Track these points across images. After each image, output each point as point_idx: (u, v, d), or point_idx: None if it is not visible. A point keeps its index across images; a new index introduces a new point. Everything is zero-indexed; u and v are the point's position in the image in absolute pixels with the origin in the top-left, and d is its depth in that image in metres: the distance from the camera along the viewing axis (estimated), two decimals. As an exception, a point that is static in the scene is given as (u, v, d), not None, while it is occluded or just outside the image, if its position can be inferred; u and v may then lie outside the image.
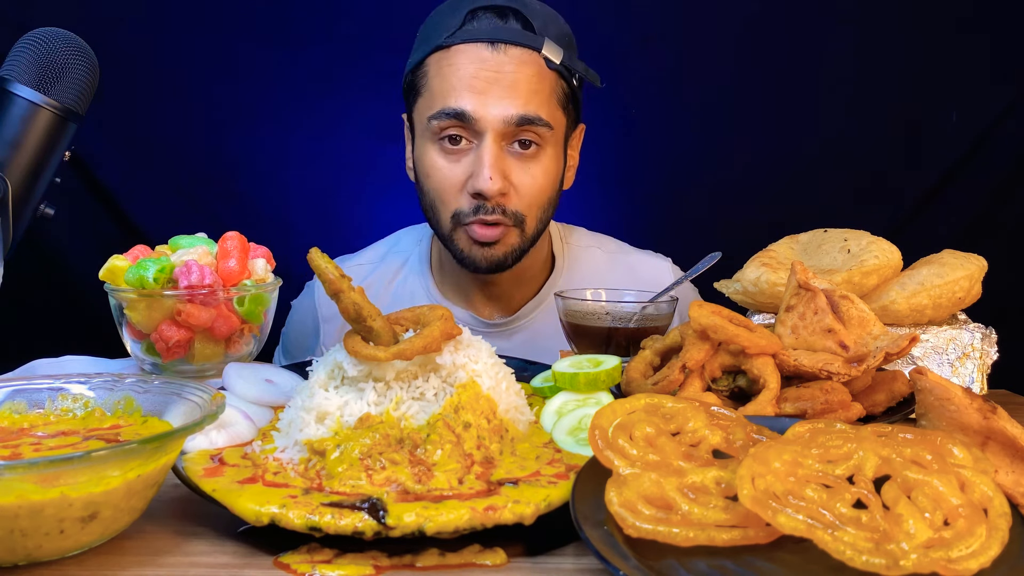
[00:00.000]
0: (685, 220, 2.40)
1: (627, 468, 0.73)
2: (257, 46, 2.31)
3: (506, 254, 1.54)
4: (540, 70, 1.48)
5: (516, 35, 1.47)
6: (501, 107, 1.45)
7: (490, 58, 1.46)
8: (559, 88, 1.52)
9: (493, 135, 1.46)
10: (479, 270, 1.55)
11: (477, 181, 1.45)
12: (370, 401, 0.90)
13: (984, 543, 0.63)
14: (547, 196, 1.55)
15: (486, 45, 1.46)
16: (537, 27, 1.49)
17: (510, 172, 1.49)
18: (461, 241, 1.54)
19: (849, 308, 1.05)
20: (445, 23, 1.50)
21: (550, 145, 1.52)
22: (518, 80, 1.46)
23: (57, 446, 0.83)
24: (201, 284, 1.17)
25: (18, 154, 1.09)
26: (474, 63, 1.46)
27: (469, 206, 1.49)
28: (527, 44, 1.47)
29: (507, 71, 1.46)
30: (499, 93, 1.45)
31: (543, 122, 1.47)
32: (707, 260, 1.33)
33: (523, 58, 1.47)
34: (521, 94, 1.46)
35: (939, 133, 2.36)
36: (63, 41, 1.12)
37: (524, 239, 1.55)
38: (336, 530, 0.73)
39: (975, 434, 0.81)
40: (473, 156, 1.48)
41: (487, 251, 1.52)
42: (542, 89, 1.48)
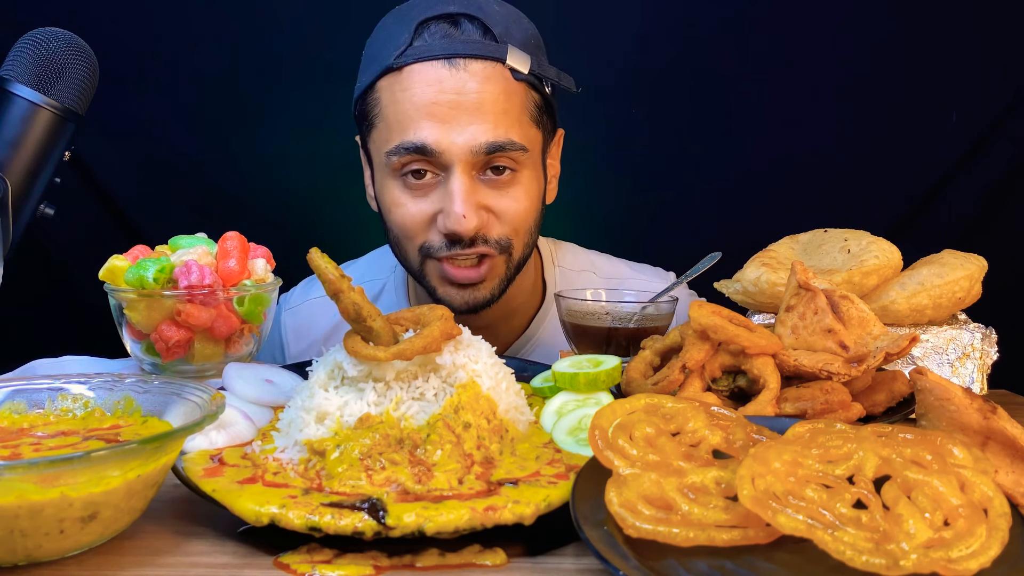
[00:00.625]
0: (685, 220, 2.40)
1: (627, 468, 0.73)
2: (257, 46, 2.31)
3: (492, 291, 1.38)
4: (507, 85, 1.30)
5: (475, 47, 1.28)
6: (467, 135, 1.27)
7: (448, 78, 1.27)
8: (530, 101, 1.35)
9: (461, 167, 1.28)
10: (457, 311, 1.35)
11: (448, 220, 1.29)
12: (370, 401, 0.90)
13: (984, 543, 0.63)
14: (532, 219, 1.39)
15: (442, 63, 1.27)
16: (498, 33, 1.30)
17: (487, 201, 1.32)
18: (432, 277, 1.38)
19: (849, 308, 1.05)
20: (393, 39, 1.32)
21: (526, 167, 1.35)
22: (483, 101, 1.28)
23: (57, 446, 0.83)
24: (201, 284, 1.17)
25: (18, 154, 1.09)
26: (431, 86, 1.27)
27: (440, 241, 1.33)
28: (489, 56, 1.29)
29: (469, 91, 1.27)
30: (463, 120, 1.27)
31: (516, 146, 1.30)
32: (707, 260, 1.33)
33: (486, 73, 1.28)
34: (488, 117, 1.28)
35: (939, 133, 2.36)
36: (63, 41, 1.12)
37: (511, 267, 1.39)
38: (336, 530, 0.73)
39: (975, 434, 0.81)
40: (441, 191, 1.31)
41: (468, 293, 1.37)
42: (511, 108, 1.30)
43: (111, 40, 1.59)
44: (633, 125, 2.41)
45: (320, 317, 1.61)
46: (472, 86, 1.28)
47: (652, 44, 2.36)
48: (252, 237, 1.29)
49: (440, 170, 1.31)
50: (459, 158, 1.28)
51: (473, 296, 1.38)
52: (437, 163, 1.30)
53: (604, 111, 2.30)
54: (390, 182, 1.35)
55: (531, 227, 1.40)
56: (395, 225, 1.37)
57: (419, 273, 1.39)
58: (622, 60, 2.34)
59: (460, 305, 1.37)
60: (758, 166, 2.39)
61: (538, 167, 1.41)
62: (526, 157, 1.34)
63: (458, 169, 1.29)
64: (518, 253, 1.39)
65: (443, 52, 1.28)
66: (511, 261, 1.39)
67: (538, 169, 1.41)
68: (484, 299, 1.38)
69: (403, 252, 1.40)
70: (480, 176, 1.33)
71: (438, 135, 1.27)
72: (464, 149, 1.28)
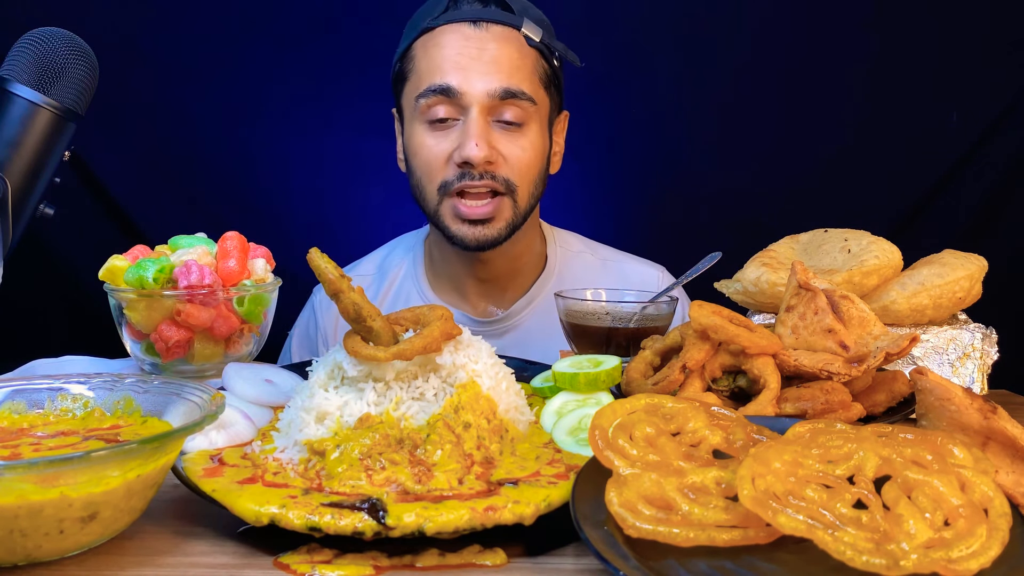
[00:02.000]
0: (685, 220, 2.40)
1: (627, 468, 0.73)
2: (258, 46, 2.31)
3: (500, 231, 1.55)
4: (521, 47, 1.54)
5: (497, 15, 1.54)
6: (485, 81, 1.49)
7: (473, 35, 1.52)
8: (540, 67, 1.57)
9: (479, 108, 1.49)
10: (468, 248, 1.56)
11: (463, 150, 1.48)
12: (370, 401, 0.90)
13: (984, 543, 0.63)
14: (536, 169, 1.57)
15: (469, 24, 1.52)
16: (516, 10, 1.56)
17: (497, 143, 1.52)
18: (447, 215, 1.55)
19: (849, 308, 1.05)
20: (429, 10, 1.57)
21: (535, 121, 1.56)
22: (500, 56, 1.51)
23: (57, 446, 0.83)
24: (201, 284, 1.17)
25: (18, 154, 1.09)
26: (458, 41, 1.51)
27: (455, 175, 1.51)
28: (508, 23, 1.54)
29: (489, 47, 1.51)
30: (482, 68, 1.50)
31: (526, 96, 1.52)
32: (707, 260, 1.33)
33: (505, 35, 1.53)
34: (504, 68, 1.51)
35: (939, 133, 2.36)
36: (63, 41, 1.12)
37: (516, 213, 1.56)
38: (336, 530, 0.73)
39: (975, 434, 0.81)
40: (459, 129, 1.52)
41: (479, 230, 1.54)
42: (524, 65, 1.54)
43: (111, 40, 1.59)
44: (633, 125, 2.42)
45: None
46: (492, 44, 1.52)
47: (652, 45, 2.36)
48: (252, 237, 1.29)
49: (460, 113, 1.52)
50: (477, 100, 1.50)
51: (483, 233, 1.54)
52: (458, 104, 1.51)
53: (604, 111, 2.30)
54: (417, 127, 1.55)
55: (534, 178, 1.58)
56: (418, 167, 1.56)
57: (436, 214, 1.57)
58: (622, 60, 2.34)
59: (471, 241, 1.55)
60: (758, 166, 2.39)
61: (544, 128, 1.60)
62: (534, 110, 1.55)
63: (475, 110, 1.50)
64: (523, 201, 1.57)
65: (470, 17, 1.54)
66: (516, 207, 1.56)
67: (544, 129, 1.60)
68: (492, 237, 1.55)
69: (423, 195, 1.57)
70: (494, 121, 1.53)
71: (460, 79, 1.50)
72: (482, 92, 1.50)
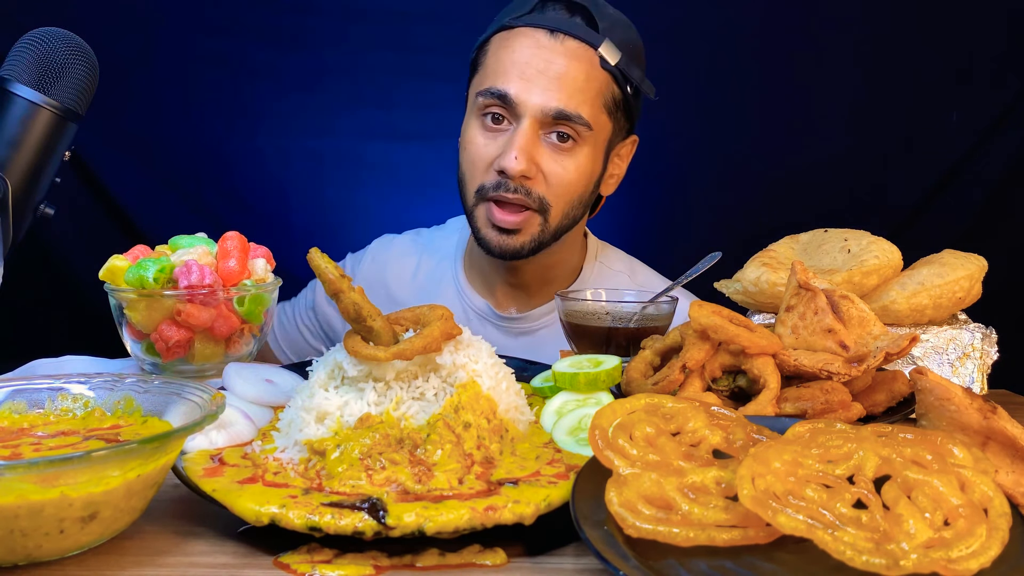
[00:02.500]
0: (685, 220, 2.40)
1: (627, 468, 0.73)
2: (258, 46, 2.31)
3: (523, 244, 1.54)
4: (592, 68, 1.49)
5: (577, 29, 1.49)
6: (543, 97, 1.47)
7: (547, 45, 1.48)
8: (609, 91, 1.53)
9: (531, 120, 1.47)
10: (492, 253, 1.56)
11: (503, 159, 1.47)
12: (370, 401, 0.90)
13: (984, 543, 0.63)
14: (576, 192, 1.54)
15: (546, 32, 1.49)
16: (602, 27, 1.51)
17: (540, 158, 1.49)
18: (480, 218, 1.55)
19: (849, 308, 1.05)
20: (517, 7, 1.54)
21: (588, 144, 1.52)
22: (566, 73, 1.47)
23: (57, 446, 0.83)
24: (201, 284, 1.17)
25: (18, 154, 1.09)
26: (530, 48, 1.48)
27: (492, 181, 1.51)
28: (585, 39, 1.49)
29: (557, 62, 1.47)
30: (544, 83, 1.47)
31: (582, 120, 1.48)
32: (707, 260, 1.33)
33: (577, 52, 1.48)
34: (566, 88, 1.47)
35: (939, 133, 2.36)
36: (63, 41, 1.12)
37: (546, 230, 1.54)
38: (336, 530, 0.73)
39: (975, 434, 0.81)
40: (508, 136, 1.50)
41: (504, 238, 1.53)
42: (589, 88, 1.49)
43: (111, 40, 1.59)
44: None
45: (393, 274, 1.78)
46: (561, 59, 1.48)
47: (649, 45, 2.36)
48: (252, 237, 1.29)
49: (514, 119, 1.50)
50: (531, 112, 1.47)
51: (507, 242, 1.54)
52: (513, 112, 1.49)
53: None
54: (473, 121, 1.55)
55: (572, 200, 1.55)
56: (464, 161, 1.57)
57: (471, 214, 1.57)
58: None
59: (495, 248, 1.55)
60: (759, 166, 2.39)
61: (599, 151, 1.57)
62: (589, 135, 1.51)
63: (527, 122, 1.48)
64: (554, 220, 1.54)
65: (550, 24, 1.50)
66: (547, 225, 1.54)
67: (599, 153, 1.57)
68: (514, 248, 1.54)
69: (464, 190, 1.58)
70: (544, 136, 1.50)
71: (519, 89, 1.48)
72: (536, 106, 1.47)
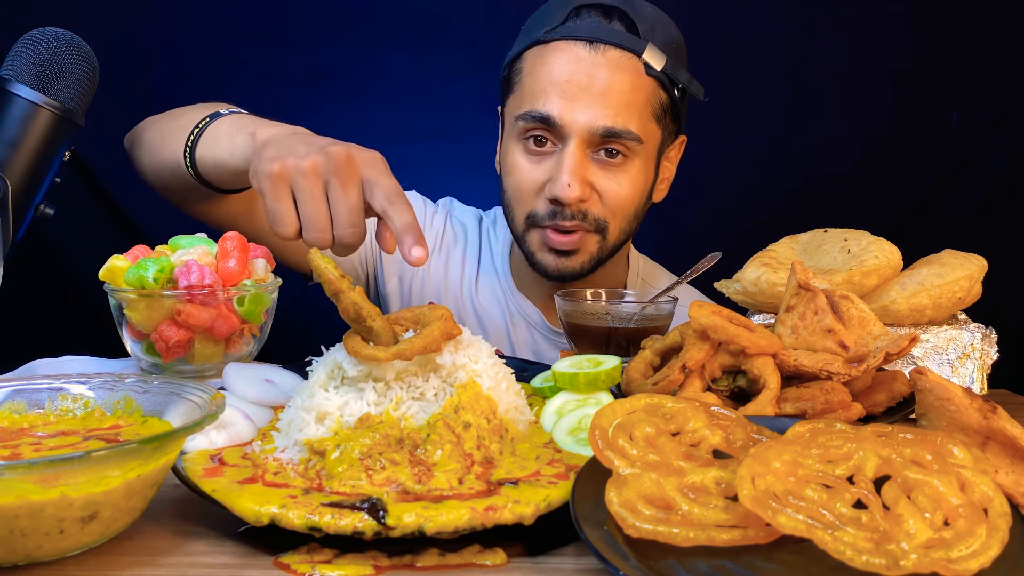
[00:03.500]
0: (685, 220, 2.40)
1: (627, 468, 0.73)
2: (257, 46, 2.31)
3: (583, 264, 1.49)
4: (637, 77, 1.41)
5: (617, 36, 1.40)
6: (589, 115, 1.38)
7: (586, 58, 1.39)
8: (656, 98, 1.45)
9: (578, 141, 1.39)
10: (549, 277, 1.50)
11: (555, 187, 1.40)
12: (370, 401, 0.90)
13: (984, 543, 0.63)
14: (633, 207, 1.49)
15: (584, 44, 1.39)
16: (642, 31, 1.42)
17: (593, 178, 1.43)
18: (533, 243, 1.49)
19: (849, 308, 1.05)
20: (549, 18, 1.44)
21: (639, 157, 1.46)
22: (611, 87, 1.39)
23: (57, 446, 0.83)
24: (201, 284, 1.17)
25: (18, 154, 1.09)
26: (569, 64, 1.39)
27: (545, 209, 1.44)
28: (627, 47, 1.40)
29: (600, 76, 1.38)
30: (588, 101, 1.38)
31: (632, 136, 1.41)
32: (707, 260, 1.33)
33: (620, 62, 1.40)
34: (612, 103, 1.39)
35: (939, 133, 2.36)
36: (63, 41, 1.12)
37: (604, 248, 1.49)
38: (336, 530, 0.73)
39: (975, 434, 0.81)
40: (555, 160, 1.42)
41: (562, 260, 1.48)
42: (636, 100, 1.41)
43: (111, 40, 1.59)
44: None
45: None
46: (604, 72, 1.39)
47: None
48: (252, 237, 1.29)
49: (559, 141, 1.43)
50: (577, 133, 1.40)
51: (566, 264, 1.49)
52: (557, 134, 1.42)
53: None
54: (514, 145, 1.48)
55: (630, 215, 1.50)
56: (510, 187, 1.50)
57: (522, 238, 1.52)
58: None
59: (553, 271, 1.49)
60: (758, 166, 2.39)
61: (650, 161, 1.50)
62: (640, 148, 1.45)
63: (574, 143, 1.40)
64: (613, 237, 1.50)
65: (587, 35, 1.40)
66: (604, 243, 1.49)
67: (650, 163, 1.51)
68: (574, 269, 1.49)
69: (511, 216, 1.53)
70: (593, 155, 1.43)
71: (563, 109, 1.39)
72: (583, 127, 1.39)
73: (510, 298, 1.66)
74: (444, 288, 1.68)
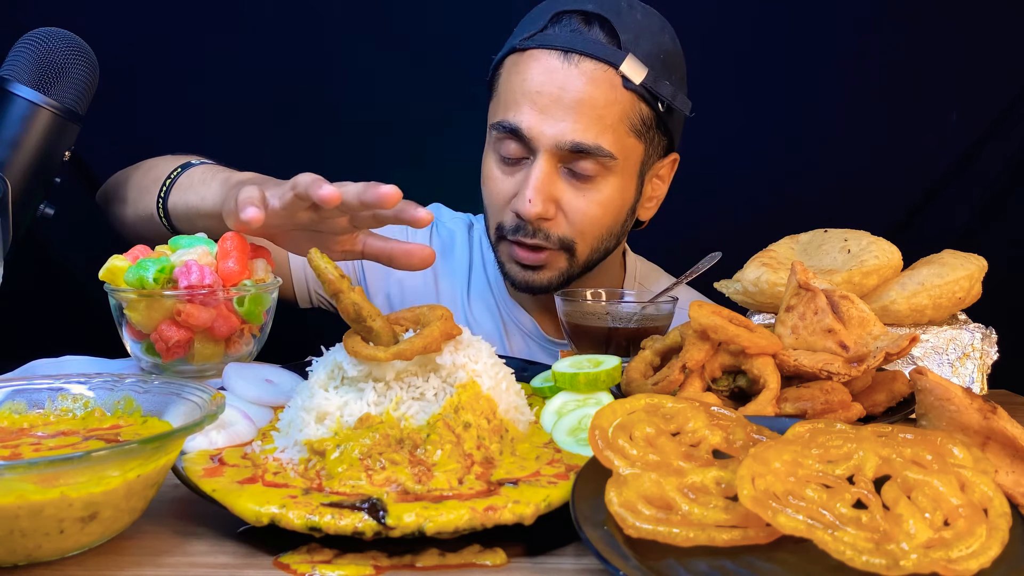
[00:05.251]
0: (685, 220, 2.40)
1: (627, 468, 0.73)
2: (257, 45, 2.31)
3: (551, 279, 1.45)
4: (611, 91, 1.34)
5: (593, 47, 1.33)
6: (558, 129, 1.33)
7: (559, 69, 1.33)
8: (635, 112, 1.37)
9: (547, 155, 1.35)
10: (518, 288, 1.48)
11: (518, 201, 1.37)
12: (370, 401, 0.90)
13: (984, 543, 0.63)
14: (603, 227, 1.43)
15: (559, 54, 1.33)
16: (624, 40, 1.34)
17: (560, 195, 1.38)
18: (503, 254, 1.47)
19: (849, 308, 1.05)
20: (531, 24, 1.40)
21: (613, 175, 1.39)
22: (582, 101, 1.33)
23: (57, 446, 0.83)
24: (201, 284, 1.17)
25: (18, 154, 1.09)
26: (541, 74, 1.34)
27: (511, 223, 1.42)
28: (603, 58, 1.33)
29: (572, 88, 1.33)
30: (559, 114, 1.33)
31: (603, 152, 1.35)
32: (707, 260, 1.33)
33: (594, 75, 1.33)
34: (583, 118, 1.33)
35: (939, 133, 2.36)
36: (63, 41, 1.12)
37: (574, 264, 1.45)
38: (336, 530, 0.73)
39: (975, 434, 0.81)
40: (524, 173, 1.39)
41: (528, 274, 1.45)
42: (608, 114, 1.34)
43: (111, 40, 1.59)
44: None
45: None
46: (576, 84, 1.33)
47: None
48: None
49: (530, 153, 1.39)
50: (545, 147, 1.35)
51: (532, 278, 1.46)
52: (527, 146, 1.38)
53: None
54: (490, 154, 1.46)
55: (601, 234, 1.45)
56: (485, 196, 1.49)
57: (494, 247, 1.50)
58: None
59: (520, 284, 1.47)
60: (758, 166, 2.39)
61: (630, 179, 1.44)
62: (615, 164, 1.38)
63: (543, 156, 1.36)
64: (583, 255, 1.45)
65: (562, 44, 1.34)
66: (574, 260, 1.45)
67: (629, 181, 1.44)
68: (541, 284, 1.46)
69: (487, 224, 1.51)
70: (563, 169, 1.39)
71: (533, 121, 1.35)
72: (551, 140, 1.34)
73: (503, 307, 1.64)
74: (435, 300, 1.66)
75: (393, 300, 1.66)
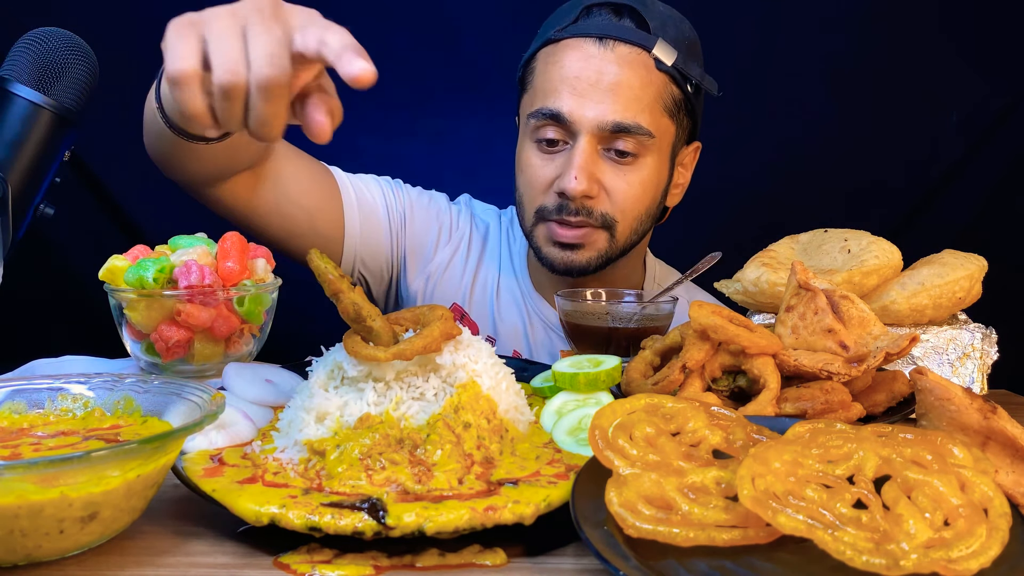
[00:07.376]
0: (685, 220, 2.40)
1: (627, 468, 0.73)
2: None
3: (590, 259, 1.48)
4: (647, 72, 1.42)
5: (627, 32, 1.42)
6: (598, 111, 1.40)
7: (596, 55, 1.41)
8: (668, 93, 1.46)
9: (588, 137, 1.41)
10: (555, 271, 1.51)
11: (563, 180, 1.42)
12: (370, 401, 0.90)
13: (984, 543, 0.63)
14: (643, 206, 1.49)
15: (594, 41, 1.41)
16: (653, 27, 1.43)
17: (602, 175, 1.44)
18: (540, 237, 1.50)
19: (849, 308, 1.05)
20: (561, 18, 1.47)
21: (651, 154, 1.46)
22: (620, 82, 1.40)
23: (57, 446, 0.83)
24: (201, 284, 1.17)
25: (18, 154, 1.09)
26: (579, 60, 1.41)
27: (553, 203, 1.45)
28: (637, 42, 1.41)
29: (610, 71, 1.40)
30: (598, 96, 1.40)
31: (642, 131, 1.41)
32: (707, 260, 1.33)
33: (630, 58, 1.41)
34: (621, 99, 1.40)
35: (939, 133, 2.36)
36: (63, 41, 1.12)
37: (613, 245, 1.49)
38: (336, 530, 0.73)
39: (975, 434, 0.81)
40: (566, 156, 1.44)
41: (567, 254, 1.48)
42: (646, 94, 1.42)
43: (111, 40, 1.59)
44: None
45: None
46: (613, 68, 1.41)
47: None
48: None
49: (570, 138, 1.44)
50: (587, 128, 1.41)
51: (572, 258, 1.49)
52: (568, 130, 1.43)
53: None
54: (527, 144, 1.49)
55: (640, 214, 1.50)
56: (522, 184, 1.52)
57: (530, 234, 1.53)
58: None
59: (559, 265, 1.49)
60: (758, 166, 2.39)
61: (663, 158, 1.50)
62: (652, 143, 1.45)
63: (584, 138, 1.41)
64: (623, 236, 1.49)
65: (597, 32, 1.42)
66: (614, 241, 1.49)
67: (663, 160, 1.50)
68: (580, 264, 1.49)
69: (522, 212, 1.54)
70: (604, 151, 1.44)
71: (573, 106, 1.41)
72: (592, 122, 1.40)
73: (528, 299, 1.66)
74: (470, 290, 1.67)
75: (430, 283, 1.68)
